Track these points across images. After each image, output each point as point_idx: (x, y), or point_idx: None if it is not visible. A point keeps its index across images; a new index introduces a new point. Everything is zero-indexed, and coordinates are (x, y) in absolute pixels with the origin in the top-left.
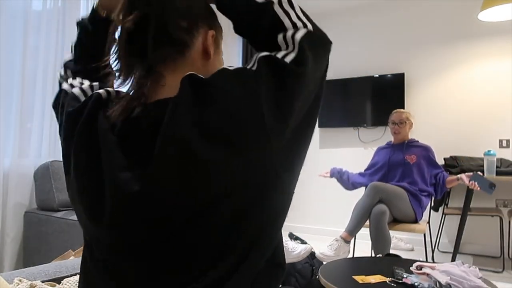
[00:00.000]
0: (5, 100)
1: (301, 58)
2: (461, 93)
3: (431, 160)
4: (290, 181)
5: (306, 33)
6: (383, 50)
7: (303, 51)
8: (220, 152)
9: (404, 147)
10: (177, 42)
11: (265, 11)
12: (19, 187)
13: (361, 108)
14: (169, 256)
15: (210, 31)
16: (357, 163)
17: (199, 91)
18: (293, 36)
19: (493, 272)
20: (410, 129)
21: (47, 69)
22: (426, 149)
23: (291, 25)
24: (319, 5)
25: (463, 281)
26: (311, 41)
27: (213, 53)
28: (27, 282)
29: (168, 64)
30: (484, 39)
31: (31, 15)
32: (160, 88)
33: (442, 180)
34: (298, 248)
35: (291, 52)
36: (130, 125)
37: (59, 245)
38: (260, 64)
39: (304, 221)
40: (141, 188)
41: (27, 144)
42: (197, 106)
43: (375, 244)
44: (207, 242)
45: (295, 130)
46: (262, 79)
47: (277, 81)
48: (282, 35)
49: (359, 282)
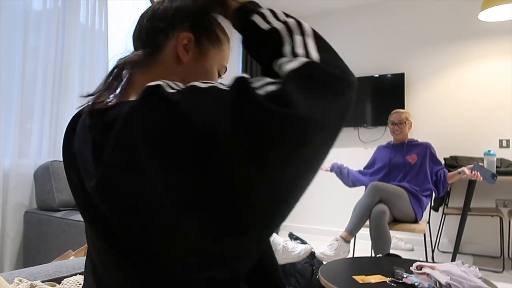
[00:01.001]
0: (5, 100)
1: (281, 94)
2: (461, 93)
3: (432, 157)
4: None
5: (304, 64)
6: (383, 50)
7: (289, 86)
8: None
9: (405, 148)
10: (148, 43)
11: (269, 38)
12: (19, 187)
13: (361, 108)
14: (147, 248)
15: (183, 34)
16: (357, 163)
17: (156, 101)
18: (283, 65)
19: (493, 272)
20: (410, 129)
21: (47, 69)
22: (426, 147)
23: (291, 53)
24: (319, 5)
25: (463, 281)
26: (306, 76)
27: (190, 58)
28: (27, 282)
29: (138, 65)
30: (484, 39)
31: (31, 15)
32: (131, 89)
33: (443, 176)
34: (298, 248)
35: (274, 83)
36: (95, 125)
37: (59, 245)
38: (232, 85)
39: (304, 221)
40: (98, 179)
41: (27, 144)
42: (150, 115)
43: (375, 243)
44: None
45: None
46: (222, 106)
47: (243, 116)
48: (275, 62)
49: (359, 282)
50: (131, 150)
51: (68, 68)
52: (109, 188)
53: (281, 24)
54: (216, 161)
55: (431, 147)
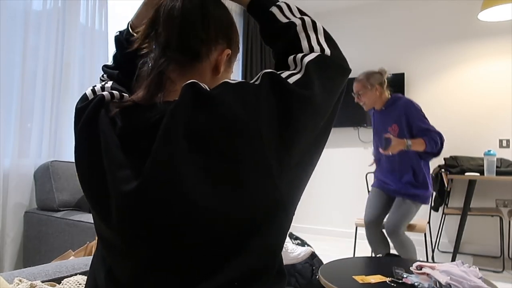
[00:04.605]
0: (5, 100)
1: (305, 80)
2: (461, 93)
3: (409, 125)
4: (291, 209)
5: (317, 56)
6: (383, 50)
7: (309, 74)
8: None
9: (384, 116)
10: (190, 51)
11: (287, 31)
12: (19, 187)
13: (361, 108)
14: (173, 256)
15: (227, 50)
16: (357, 163)
17: (199, 97)
18: (303, 58)
19: (493, 272)
20: (380, 92)
21: (47, 69)
22: (401, 111)
23: (308, 48)
24: (319, 5)
25: (463, 281)
26: (321, 65)
27: (223, 70)
28: (27, 282)
29: (176, 70)
30: (484, 39)
31: (31, 15)
32: (169, 93)
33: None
34: (297, 250)
35: (297, 73)
36: (132, 125)
37: (59, 245)
38: (263, 80)
39: (304, 221)
40: (138, 185)
41: (27, 144)
42: (195, 111)
43: (400, 253)
44: (210, 245)
45: (297, 163)
46: (262, 96)
47: (279, 102)
48: (293, 56)
49: (359, 282)
50: (177, 149)
51: (68, 68)
52: (152, 192)
53: (298, 20)
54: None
55: (408, 108)
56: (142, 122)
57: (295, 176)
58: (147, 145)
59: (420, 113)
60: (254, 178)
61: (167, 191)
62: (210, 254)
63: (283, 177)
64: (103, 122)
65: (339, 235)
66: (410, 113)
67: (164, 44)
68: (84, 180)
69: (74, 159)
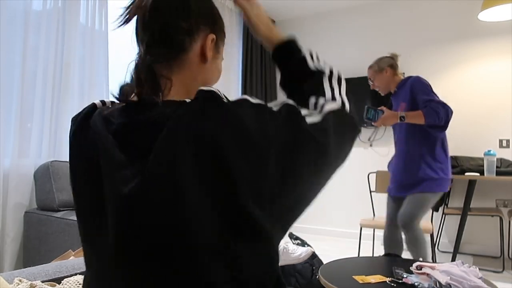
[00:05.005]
0: (5, 100)
1: (322, 127)
2: (461, 93)
3: (412, 101)
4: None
5: (338, 109)
6: (383, 50)
7: (327, 121)
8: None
9: (397, 98)
10: (174, 44)
11: (313, 78)
12: (19, 187)
13: (361, 108)
14: (173, 260)
15: (211, 35)
16: (357, 163)
17: (212, 104)
18: (324, 105)
19: (493, 272)
20: (392, 74)
21: (47, 69)
22: (407, 88)
23: (330, 98)
24: (319, 5)
25: (463, 281)
26: (339, 118)
27: (211, 57)
28: (27, 282)
29: (165, 66)
30: (484, 39)
31: (31, 15)
32: (168, 91)
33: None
34: (298, 251)
35: (315, 115)
36: (129, 123)
37: (59, 245)
38: (282, 108)
39: (304, 221)
40: (138, 183)
41: (27, 144)
42: (205, 117)
43: (412, 252)
44: (208, 252)
45: (285, 205)
46: (277, 122)
47: (291, 134)
48: (315, 99)
49: (359, 282)
50: (182, 151)
51: (68, 68)
52: (150, 193)
53: (327, 70)
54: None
55: (414, 83)
56: (142, 120)
57: (280, 214)
58: (146, 144)
59: (425, 86)
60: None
61: (168, 191)
62: (210, 254)
63: (268, 208)
64: (96, 123)
65: (339, 235)
66: (415, 88)
67: (147, 42)
68: (77, 189)
69: (69, 168)
